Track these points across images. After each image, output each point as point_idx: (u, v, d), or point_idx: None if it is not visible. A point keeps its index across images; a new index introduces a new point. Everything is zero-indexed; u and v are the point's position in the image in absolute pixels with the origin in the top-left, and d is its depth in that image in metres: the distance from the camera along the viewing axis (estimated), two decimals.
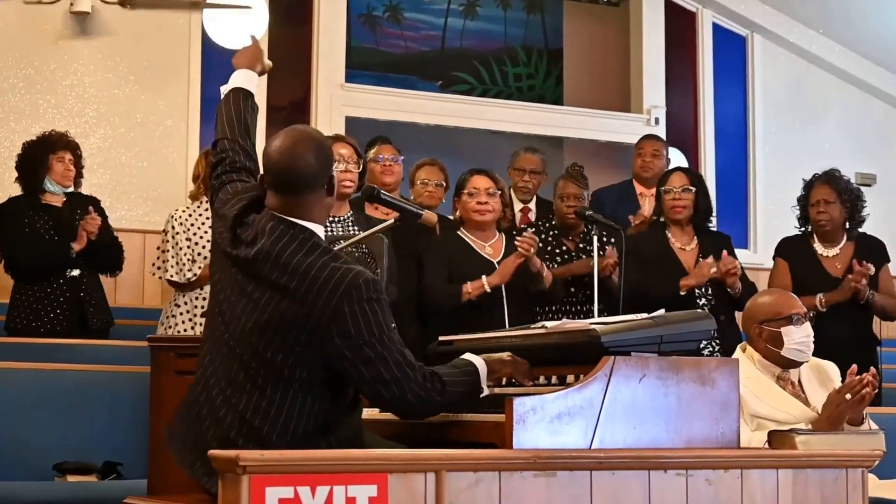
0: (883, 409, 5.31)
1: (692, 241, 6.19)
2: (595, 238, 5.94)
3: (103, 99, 8.51)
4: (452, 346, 3.87)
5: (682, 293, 5.95)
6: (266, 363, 3.24)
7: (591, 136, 10.46)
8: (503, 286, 5.68)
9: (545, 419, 3.19)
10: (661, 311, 3.62)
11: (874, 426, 4.33)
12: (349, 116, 9.30)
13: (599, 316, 6.13)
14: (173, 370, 4.41)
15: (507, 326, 5.36)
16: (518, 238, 5.76)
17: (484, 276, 5.66)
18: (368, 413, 3.62)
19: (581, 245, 6.33)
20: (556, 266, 6.22)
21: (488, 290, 5.64)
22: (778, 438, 3.79)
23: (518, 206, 7.19)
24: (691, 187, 6.18)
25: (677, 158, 9.90)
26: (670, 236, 6.18)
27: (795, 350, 4.48)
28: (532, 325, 4.00)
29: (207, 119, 8.71)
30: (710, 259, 6.03)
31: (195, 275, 6.29)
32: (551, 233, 6.37)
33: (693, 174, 6.35)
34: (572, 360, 3.48)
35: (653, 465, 3.25)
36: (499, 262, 5.74)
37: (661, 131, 10.03)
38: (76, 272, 6.53)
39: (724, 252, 6.08)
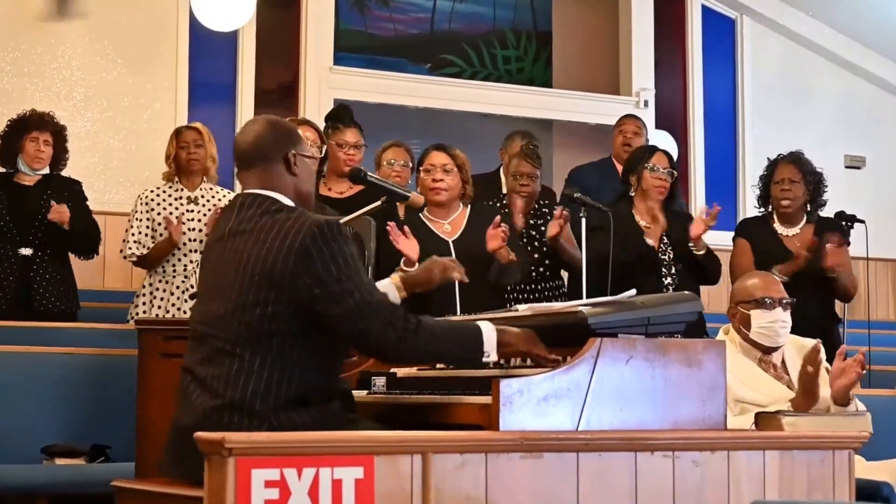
0: (869, 391, 5.32)
1: (661, 220, 6.09)
2: (584, 220, 5.87)
3: (91, 82, 8.48)
4: None
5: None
6: (243, 327, 3.29)
7: (581, 118, 10.44)
8: (453, 256, 5.28)
9: (532, 401, 3.19)
10: (633, 292, 3.60)
11: (861, 406, 4.34)
12: (337, 99, 9.25)
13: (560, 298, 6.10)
14: (159, 353, 4.42)
15: (458, 314, 5.06)
16: (491, 231, 5.39)
17: (403, 261, 5.15)
18: (355, 395, 3.62)
19: (532, 222, 6.25)
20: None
21: (407, 270, 4.78)
22: (765, 420, 3.80)
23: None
24: (673, 170, 6.15)
25: (666, 141, 9.90)
26: (635, 214, 6.09)
27: (760, 333, 4.51)
28: (501, 309, 3.99)
29: (195, 101, 8.70)
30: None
31: (145, 250, 6.45)
32: (503, 211, 6.29)
33: (670, 155, 6.29)
34: (559, 342, 3.47)
35: (640, 446, 3.26)
36: (454, 241, 5.46)
37: (650, 114, 10.03)
38: (28, 251, 6.39)
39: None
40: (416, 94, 9.83)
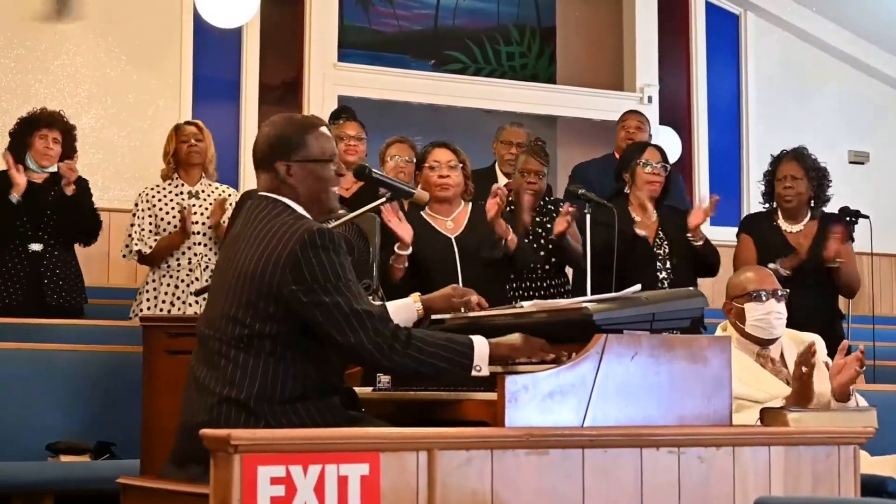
0: (874, 387, 5.33)
1: (653, 215, 6.10)
2: (588, 216, 5.88)
3: (95, 79, 8.49)
4: (444, 324, 3.87)
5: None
6: (238, 328, 3.31)
7: (584, 114, 10.44)
8: (456, 254, 5.47)
9: (537, 397, 3.20)
10: (637, 287, 3.61)
11: (861, 402, 4.34)
12: (342, 96, 9.27)
13: (566, 294, 6.11)
14: (165, 350, 4.43)
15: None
16: (494, 186, 5.59)
17: (397, 245, 5.37)
18: (359, 392, 3.62)
19: (538, 219, 6.24)
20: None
21: (401, 253, 5.33)
22: (770, 416, 3.79)
23: (503, 180, 7.11)
24: (667, 164, 6.17)
25: (670, 137, 9.90)
26: (631, 210, 6.10)
27: (755, 326, 4.50)
28: (506, 306, 3.99)
29: (199, 98, 8.70)
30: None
31: (150, 247, 6.48)
32: (508, 208, 6.31)
33: (663, 150, 6.30)
34: (564, 339, 3.47)
35: (645, 442, 3.26)
36: (457, 238, 5.53)
37: (654, 110, 10.03)
38: (38, 247, 6.42)
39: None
40: (419, 91, 9.83)
